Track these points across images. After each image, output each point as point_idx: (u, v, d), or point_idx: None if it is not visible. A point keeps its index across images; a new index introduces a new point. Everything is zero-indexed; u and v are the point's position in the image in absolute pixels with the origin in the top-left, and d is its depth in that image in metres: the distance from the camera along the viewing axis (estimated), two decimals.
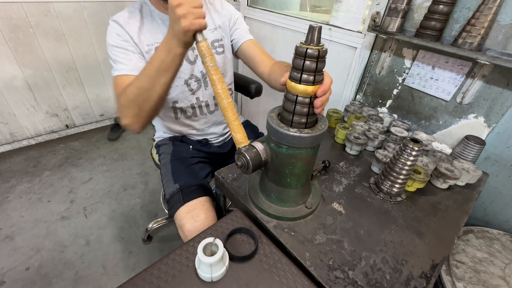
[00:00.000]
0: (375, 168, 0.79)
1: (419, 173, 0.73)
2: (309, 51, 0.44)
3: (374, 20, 1.00)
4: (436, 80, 0.95)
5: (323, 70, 0.48)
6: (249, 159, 0.52)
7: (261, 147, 0.54)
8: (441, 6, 0.80)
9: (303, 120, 0.50)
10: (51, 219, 1.40)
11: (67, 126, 2.03)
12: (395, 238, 0.59)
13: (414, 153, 0.63)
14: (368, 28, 0.99)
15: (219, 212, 0.86)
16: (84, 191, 1.58)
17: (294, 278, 0.49)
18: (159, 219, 1.30)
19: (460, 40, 0.79)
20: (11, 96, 1.69)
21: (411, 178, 0.70)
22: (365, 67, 1.15)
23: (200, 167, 0.91)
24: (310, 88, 0.47)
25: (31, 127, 1.87)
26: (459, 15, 0.84)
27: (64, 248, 1.26)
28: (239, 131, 0.55)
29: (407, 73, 1.02)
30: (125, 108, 0.64)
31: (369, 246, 0.57)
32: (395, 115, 1.11)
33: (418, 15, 0.92)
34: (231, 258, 0.51)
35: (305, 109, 0.49)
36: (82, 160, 1.82)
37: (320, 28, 0.44)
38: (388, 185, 0.68)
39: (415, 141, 0.63)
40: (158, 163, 0.97)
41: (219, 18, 0.89)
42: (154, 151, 1.08)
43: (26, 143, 1.90)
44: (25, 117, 1.81)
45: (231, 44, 0.94)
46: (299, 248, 0.54)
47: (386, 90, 1.11)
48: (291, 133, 0.48)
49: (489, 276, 0.74)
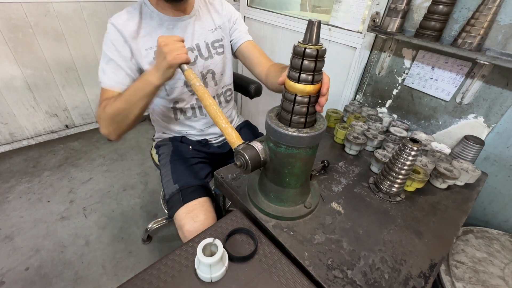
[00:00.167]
0: (374, 168, 0.79)
1: (418, 173, 0.73)
2: (308, 51, 0.44)
3: (374, 20, 1.00)
4: (436, 80, 0.95)
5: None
6: (248, 159, 0.52)
7: (260, 147, 0.54)
8: (441, 6, 0.81)
9: (302, 120, 0.50)
10: (51, 219, 1.40)
11: (67, 126, 2.03)
12: (394, 238, 0.59)
13: (413, 153, 0.63)
14: (368, 28, 0.99)
15: (219, 212, 0.86)
16: (84, 191, 1.58)
17: (294, 278, 0.49)
18: (159, 219, 1.30)
19: (460, 40, 0.79)
20: (11, 96, 1.69)
21: (410, 178, 0.70)
22: (365, 67, 1.15)
23: (200, 168, 0.91)
24: (309, 88, 0.47)
25: (31, 127, 1.87)
26: (459, 15, 0.84)
27: (64, 248, 1.26)
28: (232, 132, 0.57)
29: (407, 73, 1.02)
30: (104, 122, 0.72)
31: (368, 246, 0.57)
32: (395, 115, 1.11)
33: (418, 15, 0.92)
34: (231, 259, 0.51)
35: (304, 109, 0.49)
36: (82, 160, 1.82)
37: (320, 23, 0.44)
38: (387, 185, 0.69)
39: (414, 141, 0.63)
40: (158, 163, 0.97)
41: (219, 19, 0.89)
42: (154, 151, 1.08)
43: (26, 143, 1.90)
44: (25, 117, 1.81)
45: (230, 44, 0.94)
46: (298, 248, 0.54)
47: (386, 90, 1.11)
48: (290, 133, 0.48)
49: (489, 276, 0.74)
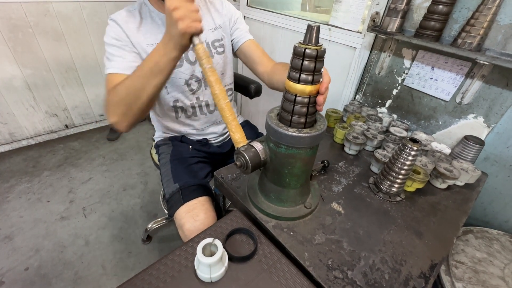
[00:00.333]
0: (374, 168, 0.79)
1: (419, 173, 0.73)
2: (308, 51, 0.44)
3: (374, 20, 1.00)
4: (436, 80, 0.95)
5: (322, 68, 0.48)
6: (248, 159, 0.52)
7: (260, 147, 0.54)
8: (441, 6, 0.81)
9: (302, 120, 0.50)
10: (51, 219, 1.40)
11: (67, 126, 2.03)
12: (394, 238, 0.59)
13: (413, 153, 0.63)
14: (368, 28, 0.99)
15: (219, 212, 0.86)
16: (84, 191, 1.58)
17: (293, 278, 0.49)
18: (159, 219, 1.30)
19: (460, 40, 0.79)
20: (10, 96, 1.69)
21: (411, 178, 0.70)
22: (365, 67, 1.15)
23: (200, 167, 0.91)
24: (309, 88, 0.47)
25: (31, 127, 1.87)
26: (459, 15, 0.84)
27: (64, 248, 1.26)
28: (237, 131, 0.54)
29: (407, 73, 1.02)
30: (114, 106, 0.63)
31: (368, 246, 0.57)
32: (395, 115, 1.11)
33: (418, 15, 0.92)
34: (230, 259, 0.51)
35: (304, 109, 0.49)
36: (82, 160, 1.82)
37: (319, 28, 0.44)
38: (387, 185, 0.68)
39: (414, 141, 0.63)
40: (158, 163, 0.97)
41: (220, 18, 0.88)
42: (154, 151, 1.07)
43: (26, 143, 1.90)
44: (25, 117, 1.81)
45: (231, 44, 0.94)
46: (298, 248, 0.54)
47: (386, 90, 1.11)
48: (290, 133, 0.48)
49: (489, 276, 0.74)
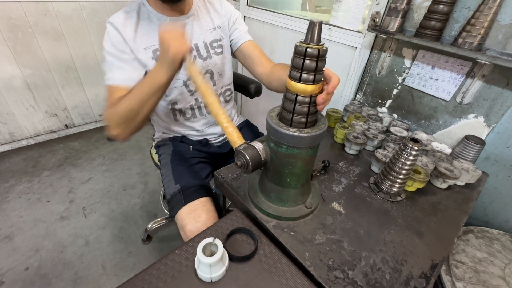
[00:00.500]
0: (375, 168, 0.79)
1: (419, 173, 0.73)
2: (309, 50, 0.44)
3: (374, 20, 1.00)
4: (436, 80, 0.95)
5: (326, 69, 0.48)
6: (249, 159, 0.52)
7: (261, 147, 0.54)
8: (441, 6, 0.80)
9: (303, 120, 0.50)
10: (51, 219, 1.39)
11: (67, 126, 2.03)
12: (395, 238, 0.59)
13: (414, 153, 0.63)
14: (368, 28, 0.99)
15: (219, 212, 0.86)
16: (84, 191, 1.58)
17: (294, 278, 0.49)
18: (159, 219, 1.30)
19: (460, 40, 0.79)
20: (10, 96, 1.69)
21: (411, 178, 0.70)
22: (365, 67, 1.15)
23: (201, 167, 0.91)
24: (310, 87, 0.47)
25: (30, 127, 1.87)
26: (459, 15, 0.84)
27: (64, 248, 1.26)
28: (233, 132, 0.56)
29: (407, 73, 1.02)
30: (114, 123, 0.69)
31: (369, 246, 0.56)
32: (395, 115, 1.11)
33: (418, 15, 0.92)
34: (231, 258, 0.51)
35: (305, 109, 0.49)
36: (82, 160, 1.82)
37: (321, 24, 0.43)
38: (388, 185, 0.68)
39: (415, 141, 0.63)
40: (158, 163, 0.97)
41: (218, 18, 0.88)
42: (154, 151, 1.07)
43: (25, 143, 1.90)
44: (24, 117, 1.80)
45: (230, 44, 0.94)
46: (299, 248, 0.54)
47: (386, 90, 1.11)
48: (291, 133, 0.48)
49: (489, 276, 0.74)
